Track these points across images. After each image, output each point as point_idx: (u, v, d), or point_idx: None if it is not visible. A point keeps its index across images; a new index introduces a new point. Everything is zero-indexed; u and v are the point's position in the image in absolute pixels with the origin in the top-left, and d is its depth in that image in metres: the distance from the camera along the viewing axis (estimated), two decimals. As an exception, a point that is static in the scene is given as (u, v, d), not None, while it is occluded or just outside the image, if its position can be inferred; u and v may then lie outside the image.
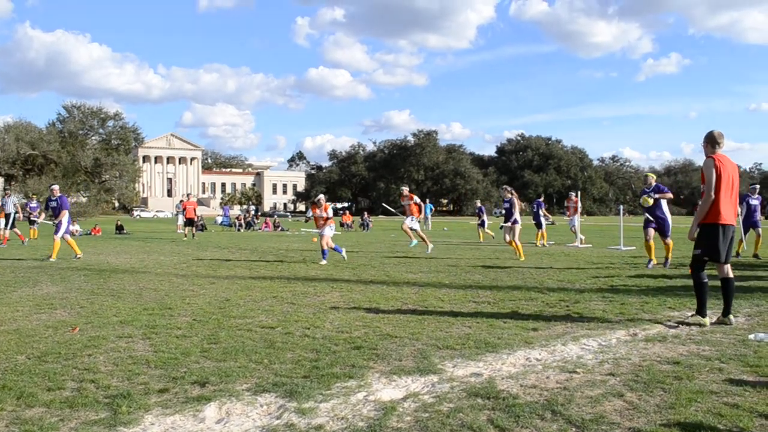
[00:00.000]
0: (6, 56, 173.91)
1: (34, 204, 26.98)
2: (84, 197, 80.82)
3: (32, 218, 25.13)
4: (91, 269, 11.37)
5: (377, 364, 4.44)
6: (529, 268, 11.28)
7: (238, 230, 33.84)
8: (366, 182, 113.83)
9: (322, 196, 14.06)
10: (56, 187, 15.06)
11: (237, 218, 37.46)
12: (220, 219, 42.53)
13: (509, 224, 13.75)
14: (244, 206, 76.52)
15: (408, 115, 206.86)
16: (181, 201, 26.73)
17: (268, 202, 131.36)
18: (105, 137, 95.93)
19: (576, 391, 3.78)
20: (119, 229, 30.38)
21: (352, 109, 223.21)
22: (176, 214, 34.13)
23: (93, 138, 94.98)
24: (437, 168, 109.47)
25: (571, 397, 3.64)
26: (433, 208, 33.84)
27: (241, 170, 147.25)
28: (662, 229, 11.36)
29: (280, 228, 34.57)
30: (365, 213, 41.29)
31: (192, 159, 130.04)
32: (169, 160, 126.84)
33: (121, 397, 3.69)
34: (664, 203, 11.39)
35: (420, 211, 16.20)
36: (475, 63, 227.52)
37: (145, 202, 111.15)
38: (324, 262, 12.76)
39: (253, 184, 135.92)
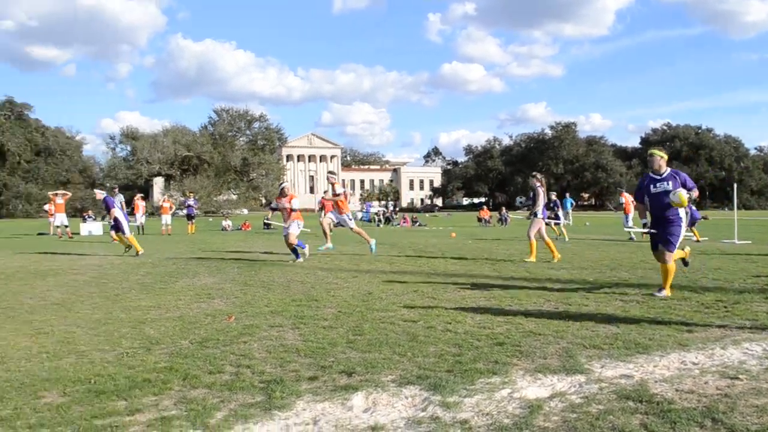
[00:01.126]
0: (162, 66, 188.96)
1: (191, 201, 29.17)
2: (234, 195, 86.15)
3: (190, 214, 27.19)
4: (244, 262, 12.07)
5: (521, 361, 4.37)
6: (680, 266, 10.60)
7: (378, 226, 34.54)
8: (503, 177, 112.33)
9: (286, 185, 12.95)
10: (98, 191, 16.24)
11: (376, 214, 38.27)
12: (360, 215, 43.64)
13: (530, 218, 12.26)
14: (383, 202, 77.97)
15: (544, 107, 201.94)
16: (322, 198, 27.74)
17: (406, 197, 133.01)
18: (251, 138, 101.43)
19: (739, 398, 3.52)
20: (267, 225, 31.99)
21: (486, 103, 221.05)
22: (318, 211, 35.43)
23: (241, 139, 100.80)
24: (577, 161, 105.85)
25: (734, 405, 3.39)
26: (574, 203, 32.66)
27: (378, 167, 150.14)
28: (664, 236, 7.33)
29: (418, 223, 34.90)
30: (503, 208, 40.76)
31: (332, 157, 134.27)
32: (311, 158, 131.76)
33: (274, 383, 3.89)
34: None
35: (345, 205, 14.06)
36: (614, 50, 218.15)
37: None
38: (300, 260, 11.97)
39: (391, 180, 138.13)
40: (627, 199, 19.84)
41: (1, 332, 5.68)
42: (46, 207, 28.17)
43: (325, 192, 30.42)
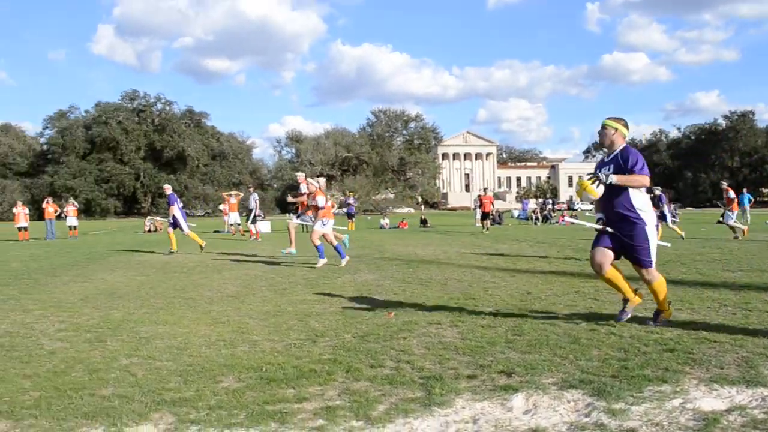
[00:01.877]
0: (323, 72, 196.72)
1: (351, 200, 30.26)
2: (391, 194, 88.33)
3: (350, 212, 28.21)
4: (401, 259, 12.31)
5: (694, 369, 4.08)
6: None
7: (535, 224, 33.80)
8: (670, 172, 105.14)
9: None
10: (167, 186, 16.69)
11: (533, 212, 37.47)
12: (516, 212, 42.95)
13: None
14: (542, 200, 76.22)
15: (716, 95, 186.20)
16: (479, 196, 27.65)
17: (564, 195, 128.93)
18: (408, 138, 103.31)
19: None
20: (423, 222, 32.48)
21: (650, 94, 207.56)
22: (474, 209, 35.39)
23: (398, 139, 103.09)
24: (755, 153, 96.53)
25: None
26: (752, 199, 29.94)
27: (535, 164, 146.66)
28: (631, 252, 5.44)
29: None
30: (671, 204, 38.30)
31: (487, 154, 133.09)
32: (466, 156, 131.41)
33: (433, 380, 3.94)
34: (636, 193, 5.37)
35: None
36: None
37: (445, 197, 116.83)
38: (323, 261, 11.11)
39: (548, 178, 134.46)
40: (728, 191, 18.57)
41: (185, 321, 6.24)
42: (221, 206, 30.44)
43: (485, 189, 30.20)
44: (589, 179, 5.24)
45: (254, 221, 23.48)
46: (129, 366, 4.52)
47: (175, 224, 15.75)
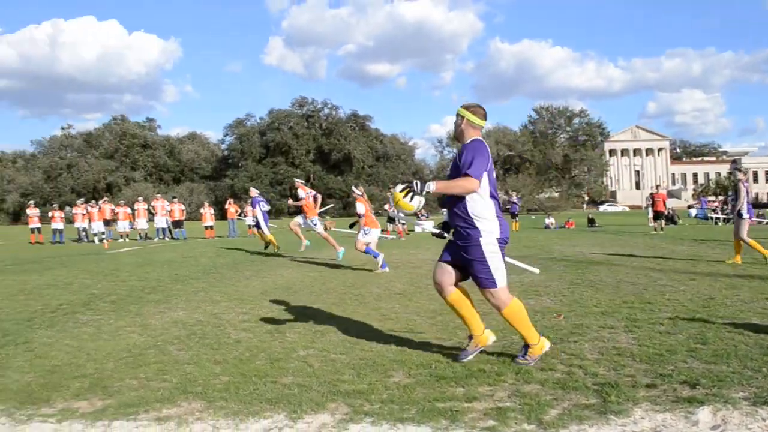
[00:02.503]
0: (482, 70, 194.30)
1: (515, 199, 29.90)
2: (556, 192, 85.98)
3: (513, 212, 27.88)
4: (570, 260, 11.93)
5: None
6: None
7: (715, 224, 31.32)
8: None
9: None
10: (252, 189, 17.20)
11: (713, 210, 34.72)
12: (693, 211, 40.01)
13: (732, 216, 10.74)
14: (723, 197, 70.41)
15: None
16: (651, 194, 26.10)
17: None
18: (572, 134, 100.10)
19: None
20: (591, 222, 31.27)
21: None
22: (646, 207, 33.46)
23: (561, 136, 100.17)
24: None
25: None
26: None
27: (714, 158, 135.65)
28: (468, 268, 4.51)
29: (766, 221, 30.76)
30: None
31: (659, 150, 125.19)
32: (635, 152, 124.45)
33: (609, 387, 3.79)
34: (473, 197, 4.35)
35: (309, 210, 13.93)
36: None
37: (613, 195, 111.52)
38: (382, 269, 10.83)
39: (729, 173, 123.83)
40: None
41: (355, 316, 6.49)
42: (386, 207, 31.23)
43: (657, 187, 28.47)
44: (402, 190, 4.29)
45: (393, 221, 24.49)
46: (306, 357, 4.78)
47: (258, 225, 16.59)
